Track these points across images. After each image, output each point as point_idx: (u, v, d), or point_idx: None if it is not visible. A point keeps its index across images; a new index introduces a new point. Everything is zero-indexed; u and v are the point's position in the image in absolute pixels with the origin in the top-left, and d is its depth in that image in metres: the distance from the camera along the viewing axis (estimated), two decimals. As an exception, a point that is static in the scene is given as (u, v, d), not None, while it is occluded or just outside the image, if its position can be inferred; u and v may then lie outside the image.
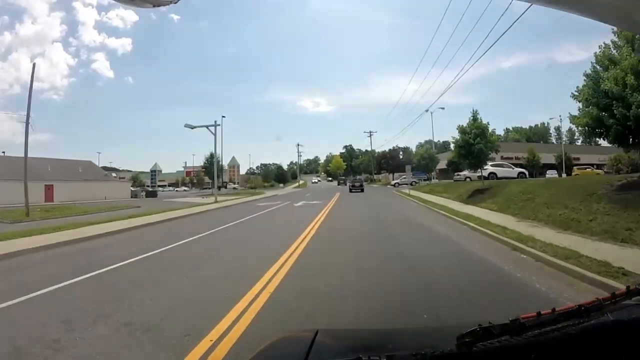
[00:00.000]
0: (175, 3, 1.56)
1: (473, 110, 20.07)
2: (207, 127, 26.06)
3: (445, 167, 39.29)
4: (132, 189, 52.83)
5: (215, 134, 25.85)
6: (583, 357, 0.82)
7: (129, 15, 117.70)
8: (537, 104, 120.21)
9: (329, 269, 5.74)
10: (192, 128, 26.50)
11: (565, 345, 0.83)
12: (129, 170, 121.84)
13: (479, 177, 27.77)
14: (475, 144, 18.88)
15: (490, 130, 19.52)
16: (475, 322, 0.85)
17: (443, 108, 38.66)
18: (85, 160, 56.38)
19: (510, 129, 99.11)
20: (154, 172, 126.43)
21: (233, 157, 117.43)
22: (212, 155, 45.63)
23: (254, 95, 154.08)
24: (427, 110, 37.70)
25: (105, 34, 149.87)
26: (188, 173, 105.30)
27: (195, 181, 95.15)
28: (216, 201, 24.51)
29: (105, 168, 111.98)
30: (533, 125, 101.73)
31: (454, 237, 8.69)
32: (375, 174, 65.60)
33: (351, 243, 8.18)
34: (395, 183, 44.06)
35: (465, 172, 31.28)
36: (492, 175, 26.18)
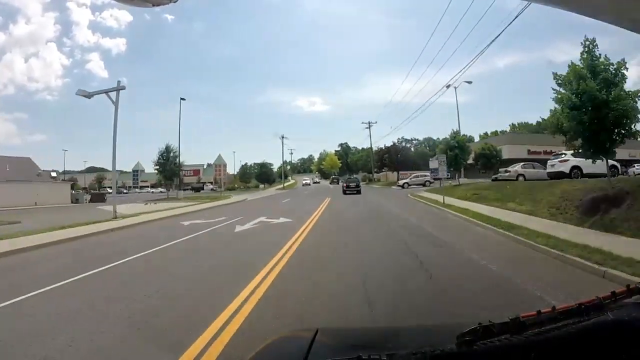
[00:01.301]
0: (175, 2, 1.49)
1: (586, 41, 9.94)
2: (106, 92, 15.80)
3: (473, 161, 29.25)
4: (73, 191, 42.25)
5: (116, 103, 15.56)
6: (583, 356, 0.82)
7: (123, 15, 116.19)
8: (534, 103, 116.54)
9: None
10: (88, 97, 16.26)
11: (565, 344, 0.83)
12: (120, 171, 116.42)
13: (550, 174, 17.83)
14: (611, 101, 8.80)
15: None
16: (475, 321, 0.84)
17: (470, 82, 28.72)
18: (22, 157, 45.83)
19: (516, 124, 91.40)
20: (136, 172, 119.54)
21: (219, 156, 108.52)
22: (167, 149, 35.20)
23: (249, 95, 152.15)
24: (448, 86, 27.68)
25: (100, 34, 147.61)
26: None
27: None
28: (115, 217, 14.23)
29: (93, 169, 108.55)
30: (541, 120, 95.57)
31: None
32: (376, 172, 55.43)
33: None
34: (404, 183, 34.01)
35: (517, 168, 21.20)
36: (576, 170, 16.20)
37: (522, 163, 21.92)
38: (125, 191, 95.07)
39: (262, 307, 3.81)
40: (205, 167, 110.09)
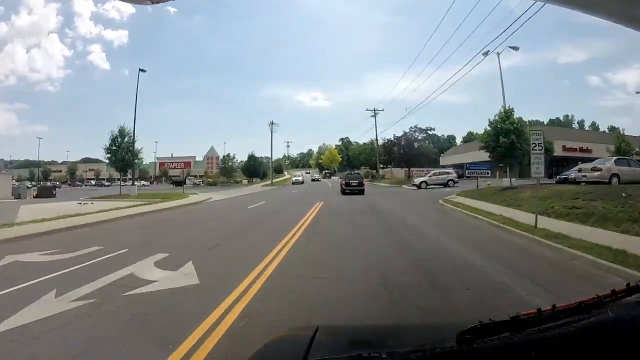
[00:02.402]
0: None
1: None
2: None
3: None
4: (15, 184, 35.06)
5: None
6: (583, 354, 0.80)
7: (125, 7, 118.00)
8: (538, 103, 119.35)
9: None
10: None
11: (565, 342, 0.82)
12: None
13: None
14: None
15: None
16: (475, 319, 0.83)
17: (517, 48, 21.26)
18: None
19: (527, 122, 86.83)
20: None
21: (212, 147, 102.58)
22: (122, 132, 27.82)
23: (249, 90, 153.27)
24: (486, 54, 20.17)
25: (102, 25, 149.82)
26: (162, 165, 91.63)
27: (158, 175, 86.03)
28: None
29: (88, 160, 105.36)
30: (554, 118, 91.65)
31: None
32: (381, 168, 47.84)
33: None
34: (422, 182, 26.64)
35: (610, 165, 13.73)
36: None
37: (615, 158, 14.62)
38: (107, 184, 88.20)
39: None
40: (199, 159, 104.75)
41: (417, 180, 27.31)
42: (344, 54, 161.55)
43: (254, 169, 51.07)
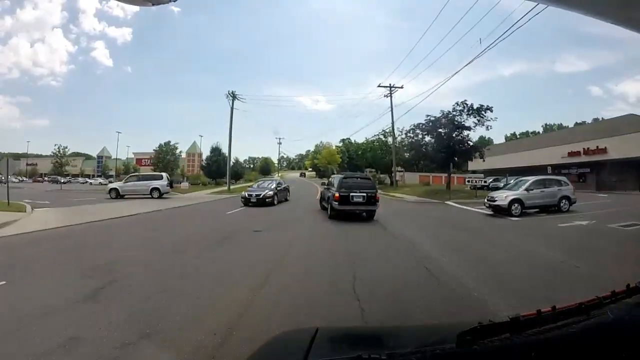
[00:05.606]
0: (175, 1, 1.47)
1: None
2: None
3: None
4: None
5: None
6: (583, 355, 0.80)
7: (129, 5, 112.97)
8: (538, 111, 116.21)
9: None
10: None
11: (565, 344, 0.82)
12: (87, 155, 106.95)
13: None
14: None
15: None
16: (475, 320, 0.82)
17: None
18: None
19: (551, 125, 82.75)
20: (100, 158, 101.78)
21: (194, 143, 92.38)
22: None
23: (250, 90, 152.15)
24: None
25: (106, 22, 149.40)
26: (138, 161, 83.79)
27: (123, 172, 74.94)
28: None
29: (77, 154, 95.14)
30: (564, 125, 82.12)
31: None
32: (399, 170, 33.56)
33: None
34: (513, 202, 12.03)
35: None
36: None
37: None
38: (62, 181, 74.88)
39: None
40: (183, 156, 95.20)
41: (500, 197, 12.51)
42: (347, 54, 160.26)
43: (217, 166, 36.70)
